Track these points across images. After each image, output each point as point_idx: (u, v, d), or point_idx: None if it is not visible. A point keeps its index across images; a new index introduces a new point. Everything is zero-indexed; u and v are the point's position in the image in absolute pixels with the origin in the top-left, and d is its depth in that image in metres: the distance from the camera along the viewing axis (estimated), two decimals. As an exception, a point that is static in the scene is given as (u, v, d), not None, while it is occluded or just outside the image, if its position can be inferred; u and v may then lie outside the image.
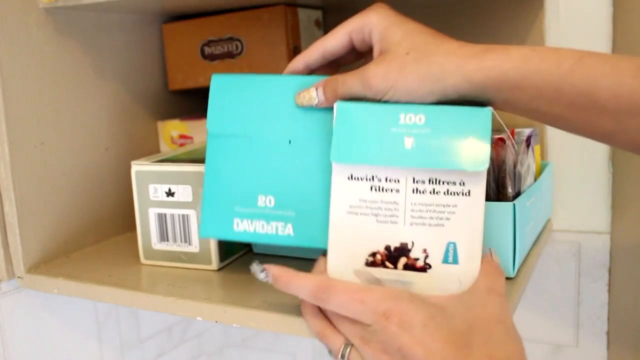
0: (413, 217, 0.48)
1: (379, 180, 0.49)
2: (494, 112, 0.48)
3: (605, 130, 0.46)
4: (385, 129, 0.48)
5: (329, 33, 0.52)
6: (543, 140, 0.75)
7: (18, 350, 0.66)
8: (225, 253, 0.63)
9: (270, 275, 0.48)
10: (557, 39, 0.73)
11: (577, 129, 0.48)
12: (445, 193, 0.47)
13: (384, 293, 0.44)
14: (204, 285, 0.59)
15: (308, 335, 0.51)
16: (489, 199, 0.56)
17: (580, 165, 0.75)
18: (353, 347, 0.45)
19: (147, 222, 0.63)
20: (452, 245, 0.47)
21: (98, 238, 0.74)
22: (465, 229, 0.47)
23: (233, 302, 0.54)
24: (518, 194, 0.58)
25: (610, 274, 0.75)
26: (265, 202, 0.53)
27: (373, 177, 0.49)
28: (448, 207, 0.47)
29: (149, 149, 0.82)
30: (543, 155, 0.75)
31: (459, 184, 0.47)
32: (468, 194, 0.47)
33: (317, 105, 0.51)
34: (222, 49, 0.79)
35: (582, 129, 0.47)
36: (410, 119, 0.48)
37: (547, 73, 0.45)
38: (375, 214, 0.49)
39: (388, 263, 0.48)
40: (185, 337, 0.92)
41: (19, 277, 0.65)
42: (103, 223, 0.75)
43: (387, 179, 0.48)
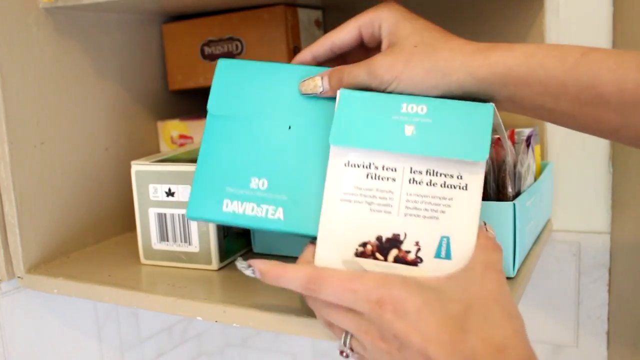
0: (408, 207, 0.47)
1: (376, 168, 0.48)
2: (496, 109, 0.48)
3: (611, 126, 0.46)
4: (387, 116, 0.48)
5: (339, 27, 0.53)
6: (543, 140, 0.75)
7: (18, 350, 0.66)
8: (225, 253, 0.63)
9: (258, 271, 0.47)
10: (557, 39, 0.73)
11: (582, 126, 0.47)
12: (442, 185, 0.47)
13: (376, 280, 0.43)
14: (204, 285, 0.59)
15: (308, 335, 0.51)
16: (489, 199, 0.56)
17: (580, 165, 0.75)
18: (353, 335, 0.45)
19: (147, 222, 0.63)
20: (445, 240, 0.46)
21: (98, 238, 0.74)
22: (460, 224, 0.46)
23: (233, 302, 0.54)
24: (518, 194, 0.58)
25: (610, 274, 0.75)
26: (258, 184, 0.52)
27: (370, 164, 0.48)
28: (444, 199, 0.47)
29: (149, 149, 0.82)
30: (543, 155, 0.75)
31: (457, 177, 0.47)
32: (465, 188, 0.46)
33: (321, 94, 0.51)
34: (222, 49, 0.79)
35: (587, 126, 0.47)
36: (413, 109, 0.48)
37: (551, 68, 0.45)
38: (369, 202, 0.48)
39: (378, 254, 0.47)
40: (185, 337, 0.92)
41: (19, 277, 0.65)
42: (103, 223, 0.75)
43: (384, 167, 0.48)
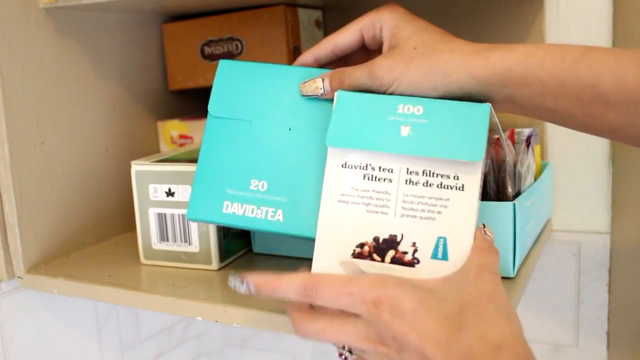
0: (404, 208, 0.47)
1: (373, 169, 0.48)
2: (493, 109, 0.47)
3: (611, 125, 0.46)
4: (383, 117, 0.48)
5: (341, 29, 0.53)
6: (543, 140, 0.75)
7: (18, 350, 0.66)
8: (225, 253, 0.63)
9: (252, 286, 0.45)
10: (557, 39, 0.73)
11: (583, 125, 0.47)
12: (439, 186, 0.47)
13: (371, 282, 0.43)
14: (204, 285, 0.59)
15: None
16: (489, 199, 0.56)
17: (580, 165, 0.74)
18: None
19: (147, 222, 0.63)
20: (442, 241, 0.46)
21: (98, 238, 0.74)
22: (457, 225, 0.46)
23: (233, 302, 0.54)
24: (518, 194, 0.58)
25: (610, 274, 0.75)
26: (258, 186, 0.52)
27: (367, 165, 0.48)
28: (440, 200, 0.47)
29: (149, 149, 0.82)
30: (543, 155, 0.75)
31: (453, 178, 0.47)
32: (462, 189, 0.46)
33: (321, 96, 0.51)
34: (222, 49, 0.79)
35: (588, 125, 0.47)
36: (409, 109, 0.48)
37: (551, 67, 0.45)
38: (366, 204, 0.48)
39: (375, 255, 0.47)
40: (185, 337, 0.92)
41: (19, 277, 0.65)
42: (103, 223, 0.75)
43: (380, 168, 0.48)
